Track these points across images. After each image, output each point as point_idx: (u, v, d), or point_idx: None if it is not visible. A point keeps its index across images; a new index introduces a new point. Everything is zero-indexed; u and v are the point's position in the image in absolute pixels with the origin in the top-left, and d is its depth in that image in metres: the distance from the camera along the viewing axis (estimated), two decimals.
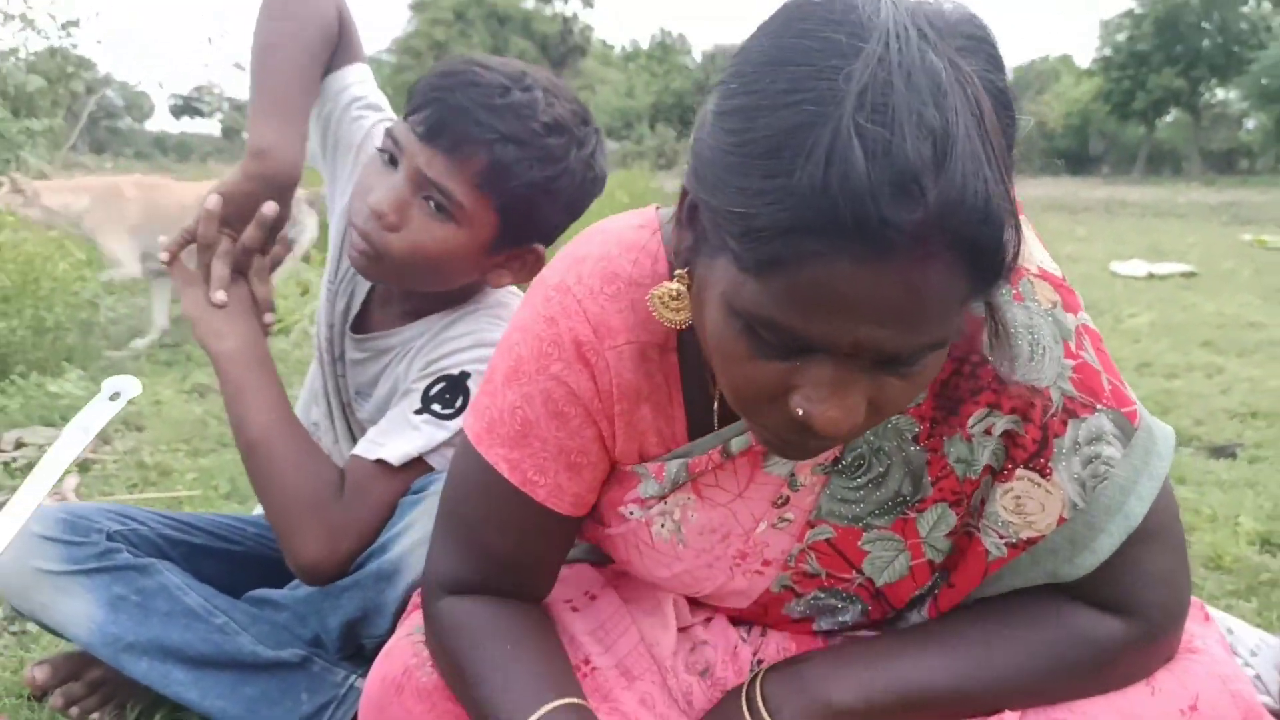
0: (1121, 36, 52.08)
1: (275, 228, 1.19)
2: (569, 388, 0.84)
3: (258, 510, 1.57)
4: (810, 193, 0.55)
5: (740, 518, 0.88)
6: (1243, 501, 2.25)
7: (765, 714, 0.82)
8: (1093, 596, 0.84)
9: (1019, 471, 0.82)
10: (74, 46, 8.10)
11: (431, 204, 1.12)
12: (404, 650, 0.92)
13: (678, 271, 0.74)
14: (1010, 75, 0.63)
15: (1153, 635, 0.85)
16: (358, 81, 1.31)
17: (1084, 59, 63.33)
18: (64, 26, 8.20)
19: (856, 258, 0.56)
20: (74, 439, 0.87)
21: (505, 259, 1.22)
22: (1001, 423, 0.81)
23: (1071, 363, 0.80)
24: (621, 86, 66.43)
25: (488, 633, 0.86)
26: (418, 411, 1.20)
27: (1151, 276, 6.94)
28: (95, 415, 0.93)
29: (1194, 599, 0.93)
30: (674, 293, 0.75)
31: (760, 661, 0.95)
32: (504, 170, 1.10)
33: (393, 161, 1.13)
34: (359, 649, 1.22)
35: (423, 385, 1.22)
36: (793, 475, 0.86)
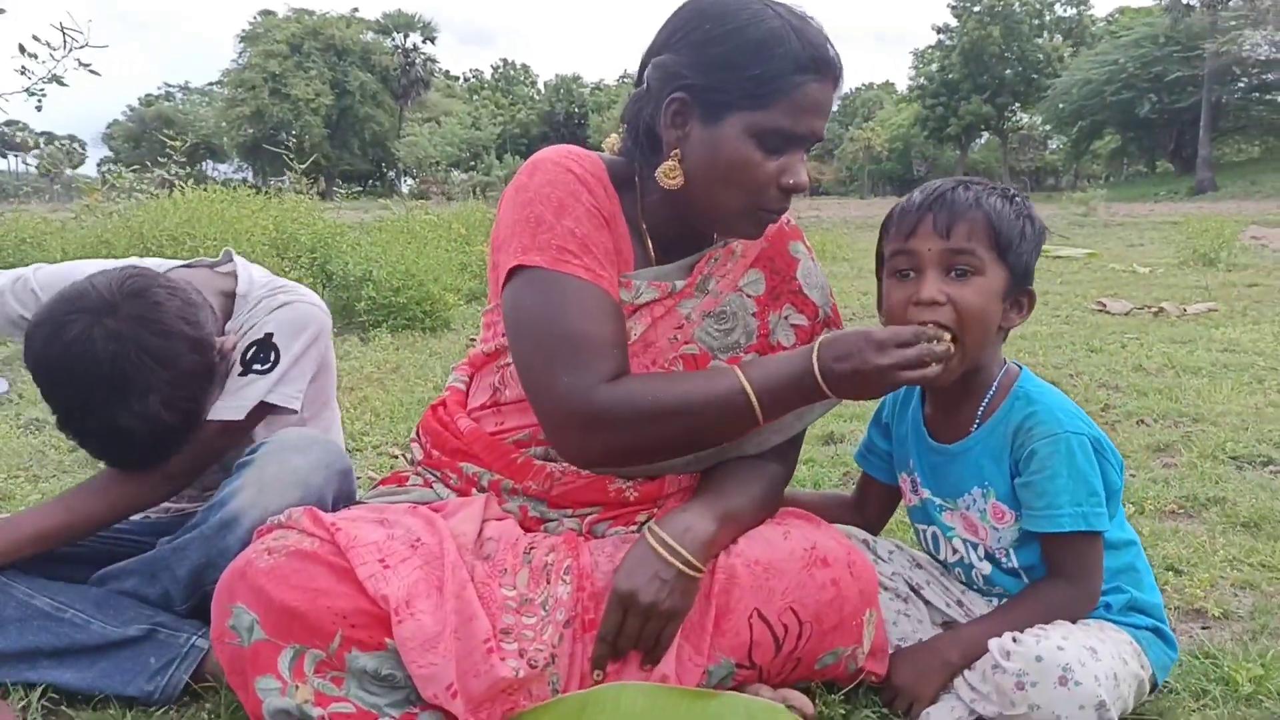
0: (934, 66, 55.96)
1: None
2: (600, 210, 1.31)
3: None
4: (797, 52, 1.20)
5: (659, 331, 1.38)
6: None
7: (672, 543, 1.22)
8: (779, 453, 1.41)
9: (800, 348, 1.36)
10: None
11: None
12: (247, 551, 1.21)
13: (674, 152, 1.28)
14: (837, 104, 1.39)
15: (789, 474, 1.46)
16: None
17: (903, 86, 67.55)
18: None
19: (818, 81, 1.23)
20: None
21: None
22: (796, 317, 1.43)
23: (831, 300, 1.50)
24: (467, 118, 66.14)
25: (647, 383, 1.25)
26: (241, 374, 1.51)
27: None
28: None
29: (807, 516, 1.42)
30: (671, 168, 1.28)
31: (532, 549, 1.28)
32: None
33: None
34: (204, 599, 1.41)
35: (238, 356, 1.52)
36: (689, 315, 1.38)
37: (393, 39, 64.65)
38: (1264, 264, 8.96)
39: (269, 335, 1.54)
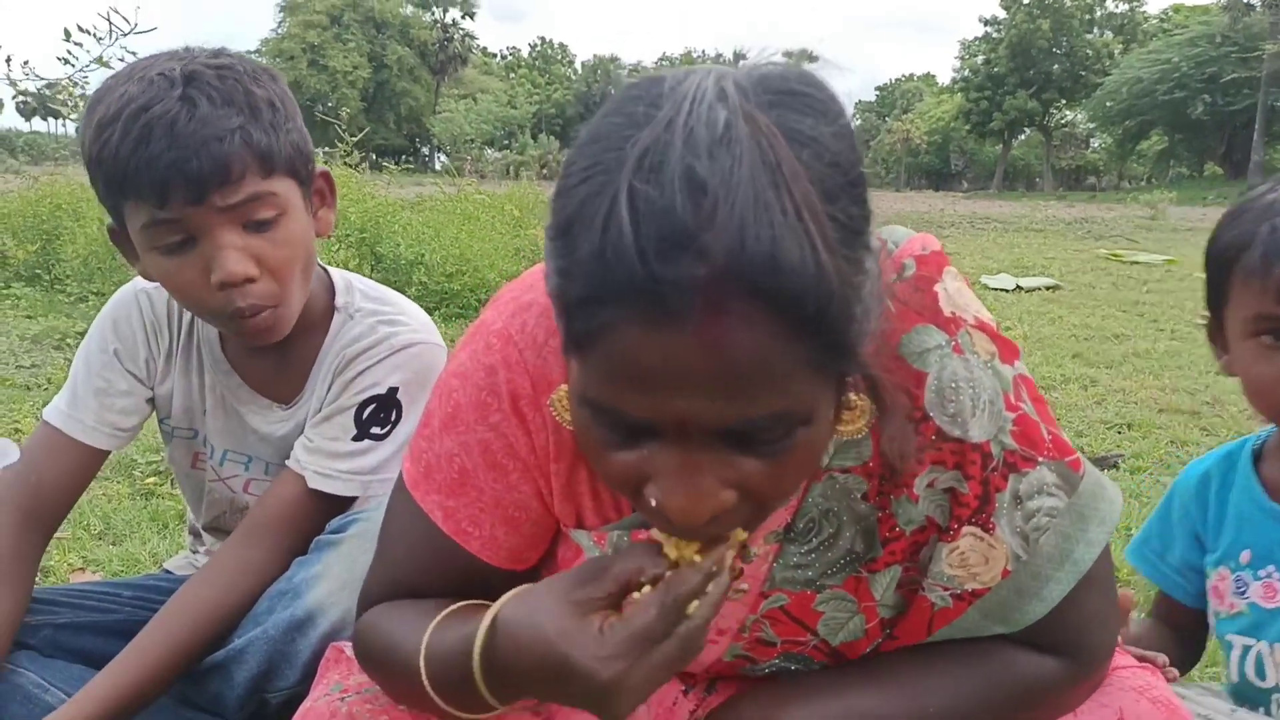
0: (979, 59, 54.99)
1: None
2: (507, 440, 0.82)
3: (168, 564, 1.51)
4: (591, 261, 0.55)
5: None
6: (1130, 514, 2.35)
7: None
8: (1034, 639, 0.84)
9: (965, 529, 0.81)
10: None
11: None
12: (320, 713, 0.84)
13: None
14: (874, 95, 0.66)
15: (1088, 673, 0.86)
16: None
17: (944, 76, 66.54)
18: None
19: (645, 322, 0.54)
20: None
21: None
22: (945, 478, 0.80)
23: (1011, 415, 0.79)
24: (503, 96, 65.91)
25: (399, 610, 0.84)
26: (356, 438, 1.21)
27: (1019, 289, 7.28)
28: None
29: None
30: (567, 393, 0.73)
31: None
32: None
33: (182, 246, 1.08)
34: (262, 704, 1.14)
35: (352, 405, 1.21)
36: (745, 547, 0.77)
37: (431, 13, 64.43)
38: None
39: (393, 390, 1.22)
